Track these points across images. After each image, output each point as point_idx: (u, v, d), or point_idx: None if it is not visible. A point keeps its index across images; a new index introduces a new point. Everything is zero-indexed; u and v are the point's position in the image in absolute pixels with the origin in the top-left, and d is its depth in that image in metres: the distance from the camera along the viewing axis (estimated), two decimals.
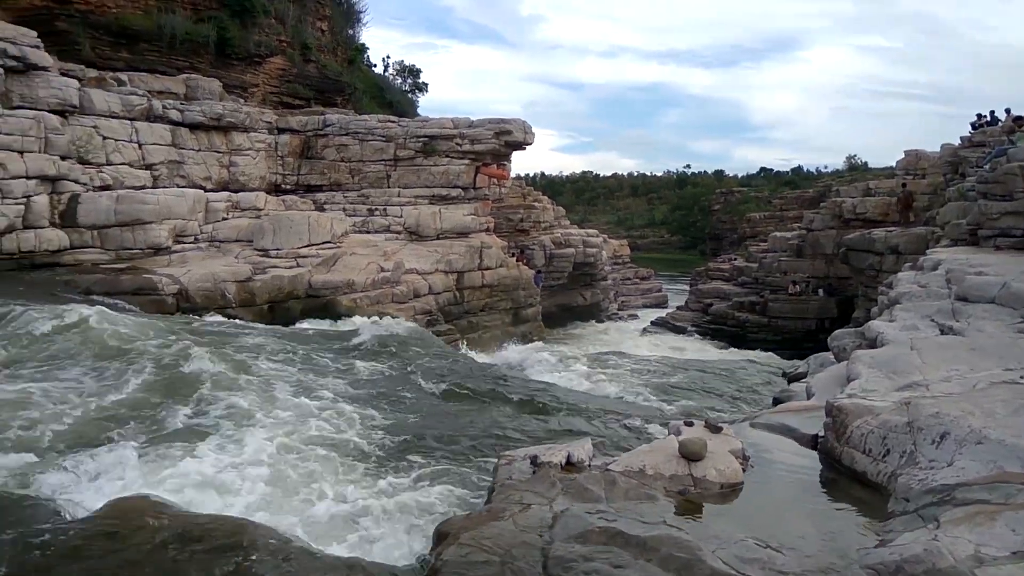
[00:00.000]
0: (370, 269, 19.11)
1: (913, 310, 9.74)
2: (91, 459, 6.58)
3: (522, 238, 30.03)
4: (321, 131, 24.75)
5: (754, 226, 54.96)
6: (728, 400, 13.26)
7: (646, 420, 9.88)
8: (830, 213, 27.90)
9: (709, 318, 29.97)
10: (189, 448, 7.22)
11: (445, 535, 4.15)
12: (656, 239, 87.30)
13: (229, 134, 22.40)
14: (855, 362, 7.41)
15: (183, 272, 16.84)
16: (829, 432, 5.76)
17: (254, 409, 8.54)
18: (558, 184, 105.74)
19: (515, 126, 24.21)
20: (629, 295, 40.91)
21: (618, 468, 5.04)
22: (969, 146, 22.57)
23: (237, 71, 25.88)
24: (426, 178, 24.24)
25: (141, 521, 4.59)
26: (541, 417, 9.86)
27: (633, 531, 3.89)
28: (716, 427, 5.86)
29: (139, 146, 19.58)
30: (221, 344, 11.58)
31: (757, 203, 68.11)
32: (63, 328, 10.84)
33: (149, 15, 23.18)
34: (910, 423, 5.09)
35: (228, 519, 4.89)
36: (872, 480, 5.00)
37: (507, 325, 23.37)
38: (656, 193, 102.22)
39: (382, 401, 9.73)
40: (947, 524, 3.77)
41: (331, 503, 6.27)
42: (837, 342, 10.88)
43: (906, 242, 21.20)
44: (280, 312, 17.29)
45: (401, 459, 7.48)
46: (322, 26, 31.85)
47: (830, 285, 26.95)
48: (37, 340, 10.43)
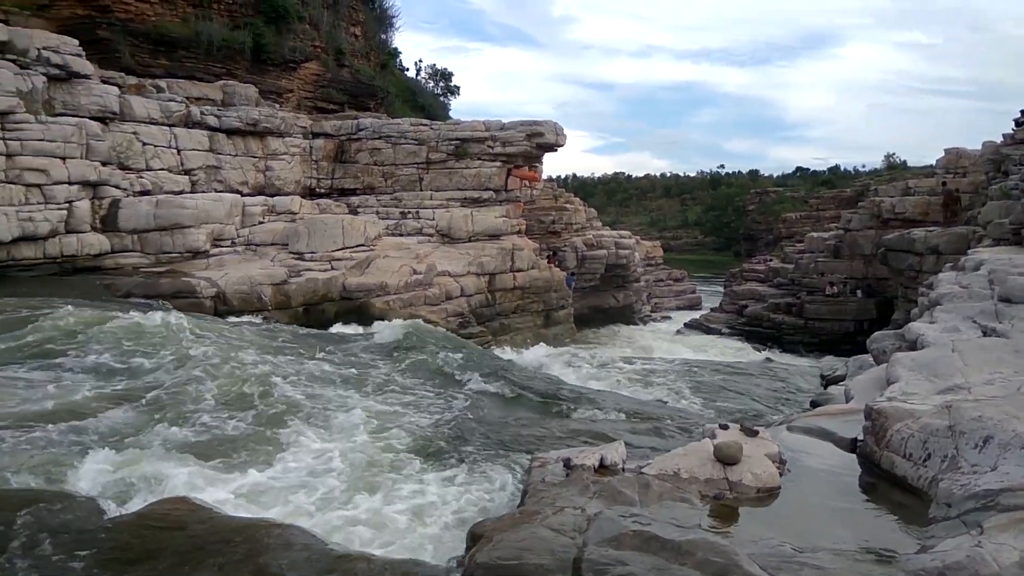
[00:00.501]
0: (403, 272, 19.23)
1: (954, 311, 9.55)
2: (137, 459, 6.70)
3: (554, 240, 29.99)
4: (354, 135, 24.98)
5: (790, 226, 54.22)
6: (764, 403, 13.09)
7: (680, 423, 9.79)
8: (868, 213, 27.47)
9: (744, 320, 29.67)
10: (234, 450, 7.33)
11: (479, 536, 4.15)
12: (689, 240, 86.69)
13: (265, 139, 22.71)
14: (895, 364, 7.28)
15: (220, 275, 17.09)
16: (868, 436, 5.67)
17: (296, 412, 8.64)
18: (590, 185, 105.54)
19: (547, 128, 24.20)
20: (662, 297, 40.66)
21: (652, 471, 5.02)
22: (1012, 143, 22.07)
23: (272, 77, 26.25)
24: (458, 181, 24.34)
25: (179, 523, 4.66)
26: (573, 419, 9.83)
27: (668, 535, 3.86)
28: (752, 430, 5.80)
29: (178, 152, 19.95)
30: (265, 346, 11.74)
31: (793, 203, 67.19)
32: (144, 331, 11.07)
33: (187, 23, 23.61)
34: (952, 427, 4.99)
35: (266, 522, 4.95)
36: (912, 485, 4.91)
37: (539, 327, 23.35)
38: (689, 194, 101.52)
39: (415, 402, 9.78)
40: (991, 530, 3.68)
41: (367, 504, 6.31)
42: (876, 344, 10.70)
43: (947, 242, 20.80)
44: (314, 315, 17.48)
45: (435, 461, 7.51)
46: (355, 31, 32.17)
47: (869, 286, 26.54)
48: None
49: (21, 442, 6.79)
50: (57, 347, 10.30)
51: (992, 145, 23.90)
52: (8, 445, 6.66)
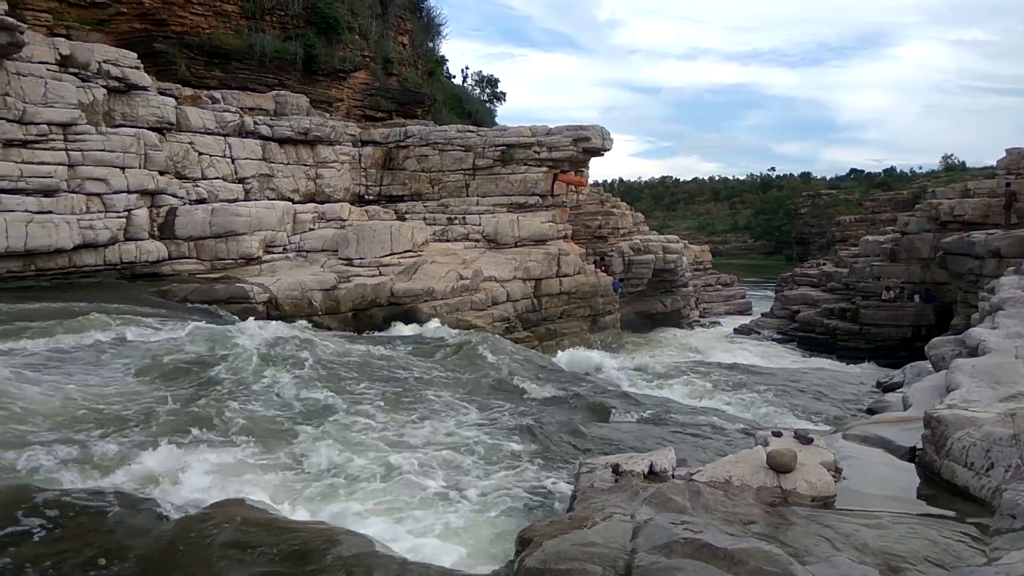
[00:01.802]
0: (450, 277, 19.35)
1: (1017, 316, 9.26)
2: (197, 460, 6.86)
3: (600, 245, 29.85)
4: (402, 142, 25.26)
5: (844, 229, 53.01)
6: (818, 410, 12.81)
7: (732, 429, 9.64)
8: (926, 215, 26.74)
9: (796, 325, 29.12)
10: (289, 452, 7.46)
11: (528, 541, 4.15)
12: (739, 244, 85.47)
13: (315, 147, 23.13)
14: (955, 371, 7.08)
15: (272, 281, 17.43)
16: (927, 444, 5.51)
17: (349, 415, 8.76)
18: (636, 190, 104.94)
19: (593, 132, 24.12)
20: (711, 302, 40.14)
21: (703, 478, 4.95)
22: None
23: (323, 86, 26.73)
24: (504, 186, 24.41)
25: (236, 524, 4.74)
26: (621, 424, 9.76)
27: (720, 543, 3.80)
28: (806, 438, 5.68)
29: (232, 161, 20.44)
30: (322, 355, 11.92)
31: (847, 206, 65.74)
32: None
33: (240, 35, 24.20)
34: (1016, 435, 4.83)
35: (322, 526, 5.01)
36: (974, 495, 4.76)
37: (585, 332, 23.25)
38: (739, 197, 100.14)
39: (465, 406, 9.82)
40: None
41: (416, 509, 6.36)
42: (935, 350, 10.42)
43: (1008, 245, 20.11)
44: (363, 319, 17.70)
45: (487, 465, 7.53)
46: (403, 40, 32.57)
47: (927, 291, 25.83)
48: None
49: (80, 442, 7.00)
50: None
51: None
52: (71, 445, 6.88)
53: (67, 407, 7.87)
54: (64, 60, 16.28)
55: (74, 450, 6.71)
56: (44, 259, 15.38)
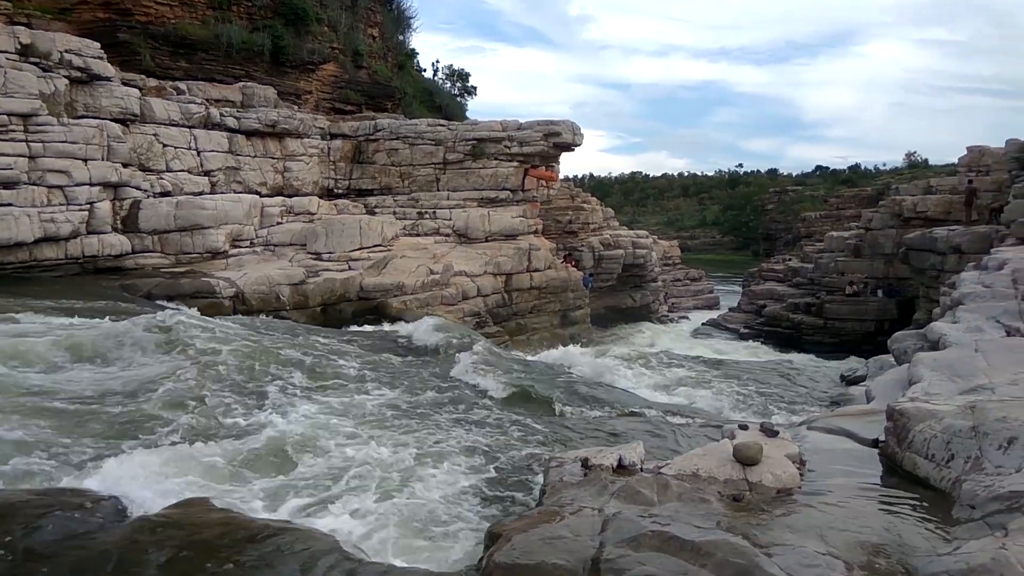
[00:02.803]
0: (420, 272, 19.28)
1: (977, 311, 9.46)
2: (156, 457, 6.75)
3: (571, 240, 29.93)
4: (372, 136, 25.08)
5: (809, 226, 53.80)
6: (784, 403, 12.99)
7: (699, 423, 9.74)
8: (889, 212, 27.21)
9: (762, 320, 29.47)
10: (252, 449, 7.36)
11: (497, 536, 4.15)
12: (707, 240, 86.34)
13: (283, 140, 22.86)
14: (917, 365, 7.22)
15: (239, 275, 17.22)
16: (890, 436, 5.62)
17: (311, 408, 8.68)
18: (607, 185, 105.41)
19: (564, 127, 24.16)
20: (680, 297, 40.48)
21: (671, 472, 4.99)
22: None
23: (291, 78, 26.40)
24: (475, 181, 24.36)
25: (201, 524, 4.67)
26: (590, 418, 9.80)
27: (687, 536, 3.84)
28: (772, 431, 5.76)
29: (197, 153, 20.12)
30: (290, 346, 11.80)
31: (812, 202, 66.71)
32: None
33: (206, 25, 23.79)
34: (975, 427, 4.93)
35: (286, 525, 4.95)
36: (935, 486, 4.86)
37: (555, 327, 23.33)
38: (707, 193, 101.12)
39: (430, 401, 9.79)
40: (1016, 532, 3.63)
41: (382, 505, 6.32)
42: (898, 344, 10.62)
43: (969, 241, 20.54)
44: (332, 314, 17.57)
45: (451, 460, 7.51)
46: (373, 32, 32.29)
47: (889, 286, 26.28)
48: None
49: (39, 441, 6.85)
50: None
51: (1016, 143, 23.57)
52: (27, 445, 6.73)
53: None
54: (24, 49, 15.87)
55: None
56: (3, 253, 15.00)
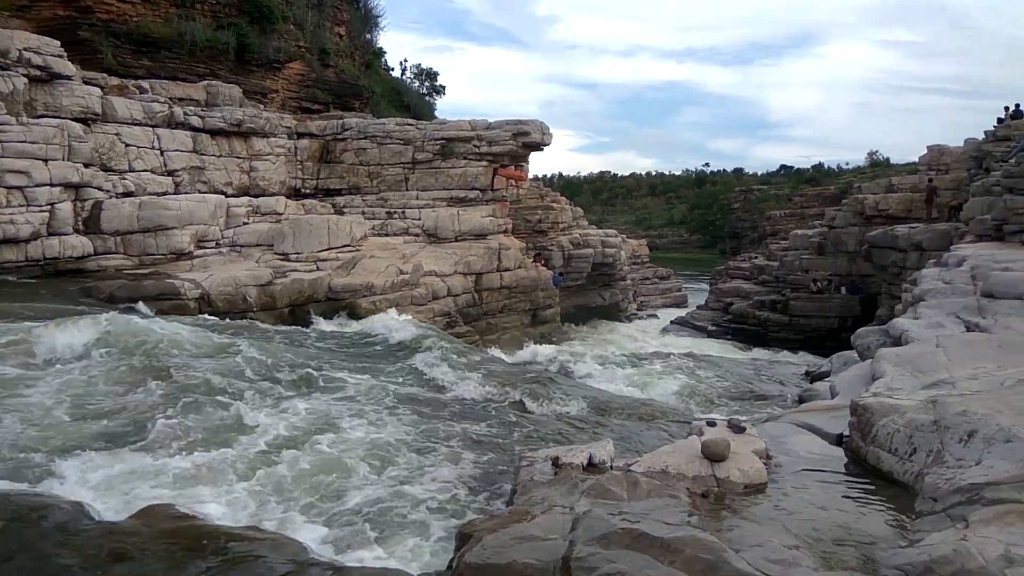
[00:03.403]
0: (389, 272, 19.17)
1: (938, 307, 9.64)
2: (119, 463, 6.64)
3: (540, 239, 29.99)
4: (340, 135, 24.89)
5: (774, 224, 54.49)
6: (751, 400, 13.15)
7: (668, 419, 9.83)
8: (852, 210, 27.65)
9: (729, 317, 29.80)
10: (215, 453, 7.27)
11: (467, 537, 4.15)
12: (675, 238, 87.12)
13: (249, 139, 22.58)
14: (880, 360, 7.34)
15: (205, 277, 16.98)
16: (854, 431, 5.71)
17: (275, 413, 8.59)
18: (576, 184, 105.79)
19: (533, 127, 24.20)
20: (648, 295, 40.80)
21: (640, 469, 5.02)
22: (994, 140, 22.31)
23: (257, 77, 26.09)
24: (444, 180, 24.30)
25: (165, 530, 4.60)
26: (561, 417, 9.84)
27: (656, 532, 3.87)
28: (739, 427, 5.82)
29: (161, 153, 19.79)
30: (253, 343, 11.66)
31: (777, 201, 67.61)
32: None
33: (169, 23, 23.42)
34: (937, 422, 5.04)
35: (248, 531, 4.89)
36: (898, 479, 4.95)
37: (526, 326, 23.36)
38: (675, 192, 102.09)
39: (399, 402, 9.75)
40: (976, 524, 3.71)
41: (351, 508, 6.28)
42: (861, 340, 10.80)
43: (930, 238, 20.95)
44: (300, 315, 17.39)
45: (422, 461, 7.48)
46: (340, 31, 32.04)
47: (853, 283, 26.71)
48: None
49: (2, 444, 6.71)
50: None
51: (974, 142, 24.14)
52: None
53: None
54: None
55: None
56: None
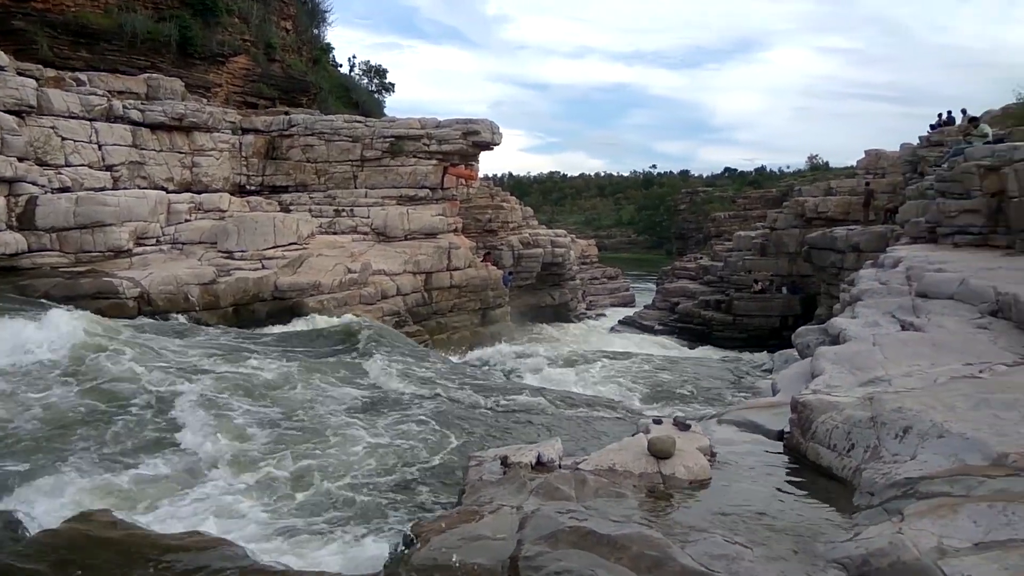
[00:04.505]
0: (337, 270, 18.94)
1: (875, 307, 9.91)
2: (51, 471, 6.42)
3: (490, 238, 29.98)
4: (286, 131, 24.48)
5: (719, 225, 55.56)
6: (695, 397, 13.37)
7: (616, 417, 9.92)
8: (793, 212, 28.31)
9: (676, 316, 30.23)
10: (152, 460, 7.08)
11: (415, 538, 4.12)
12: (623, 239, 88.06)
13: (191, 134, 22.04)
14: (819, 358, 7.51)
15: (144, 275, 16.54)
16: (795, 428, 5.84)
17: (220, 415, 8.42)
18: (525, 184, 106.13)
19: (483, 126, 24.17)
20: (597, 295, 41.12)
21: (588, 467, 5.05)
22: (927, 146, 23.10)
23: (200, 71, 25.48)
24: (393, 178, 24.10)
25: (101, 539, 4.45)
26: (510, 416, 9.85)
27: (603, 530, 3.90)
28: (684, 425, 5.91)
29: (99, 147, 19.17)
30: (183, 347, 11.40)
31: (722, 203, 68.90)
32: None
33: (109, 14, 22.72)
34: (873, 418, 5.18)
35: (188, 537, 4.77)
36: (837, 474, 5.07)
37: (476, 325, 23.33)
38: (623, 193, 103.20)
39: (347, 403, 9.64)
40: (911, 517, 3.83)
41: (296, 510, 6.19)
42: (801, 339, 11.03)
43: (867, 240, 21.58)
44: (245, 315, 17.07)
45: (368, 462, 7.41)
46: (286, 25, 31.50)
47: (793, 283, 27.34)
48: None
49: None
50: None
51: (909, 147, 24.95)
52: None
53: None
54: None
55: None
56: None
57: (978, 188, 12.90)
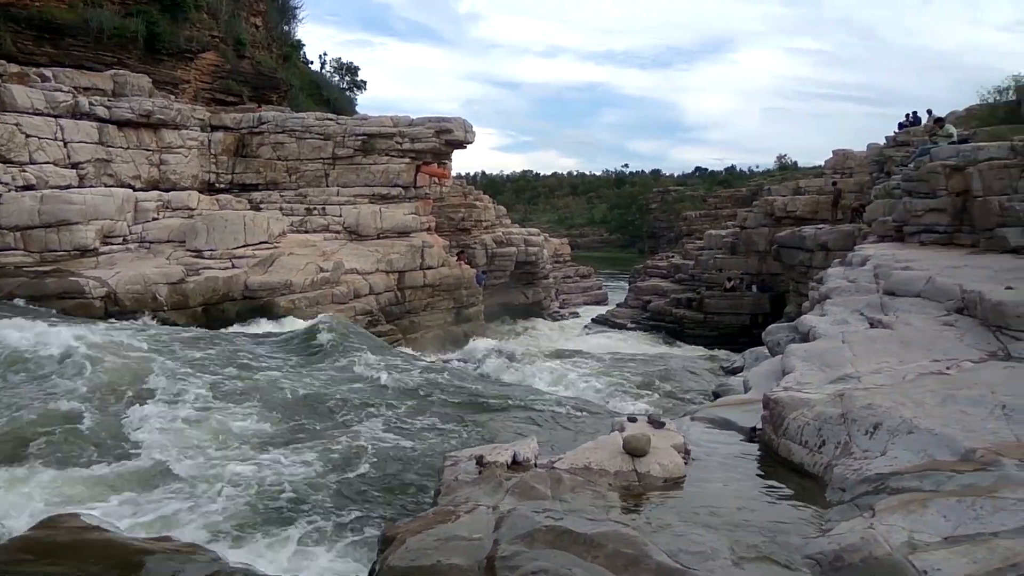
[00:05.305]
0: (309, 269, 18.78)
1: (843, 304, 10.02)
2: (13, 474, 6.29)
3: (463, 237, 29.93)
4: (256, 128, 24.20)
5: (690, 224, 55.96)
6: (669, 395, 13.46)
7: (591, 415, 9.95)
8: (762, 211, 28.60)
9: (648, 315, 30.39)
10: (120, 464, 6.97)
11: (391, 539, 4.09)
12: (596, 238, 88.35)
13: (159, 131, 21.71)
14: (789, 356, 7.59)
15: (111, 274, 16.27)
16: (767, 425, 5.90)
17: (188, 419, 8.30)
18: (499, 183, 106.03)
19: (456, 125, 24.10)
20: (570, 293, 41.21)
21: (564, 466, 5.06)
22: (894, 146, 23.47)
23: (167, 67, 25.11)
24: (366, 177, 23.94)
25: (71, 544, 4.36)
26: (485, 416, 9.84)
27: (580, 529, 3.90)
28: (659, 423, 5.94)
29: (64, 144, 18.81)
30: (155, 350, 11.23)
31: (693, 202, 69.43)
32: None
33: (74, 9, 22.32)
34: (844, 414, 5.25)
35: (160, 543, 4.69)
36: (809, 471, 5.13)
37: (449, 324, 23.27)
38: (595, 192, 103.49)
39: (320, 404, 9.57)
40: (882, 512, 3.88)
41: (270, 515, 6.13)
42: (771, 336, 11.14)
43: (835, 239, 21.86)
44: (215, 314, 16.87)
45: (343, 464, 7.36)
46: (256, 22, 31.17)
47: (763, 281, 27.61)
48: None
49: None
50: None
51: (876, 147, 25.34)
52: None
53: None
54: None
55: None
56: None
57: (943, 188, 13.11)
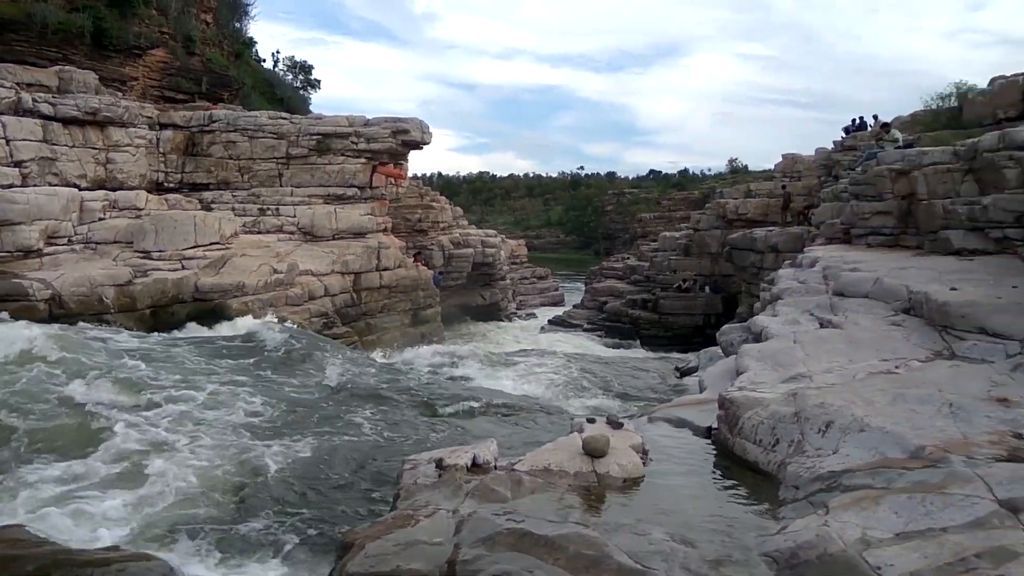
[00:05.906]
0: (262, 271, 18.46)
1: (794, 305, 10.23)
2: None
3: (420, 238, 29.78)
4: (207, 127, 23.70)
5: (645, 226, 56.58)
6: (626, 395, 13.56)
7: (549, 417, 9.97)
8: (715, 214, 29.07)
9: (604, 316, 30.63)
10: (70, 475, 6.76)
11: (350, 545, 4.04)
12: (552, 239, 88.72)
13: (106, 129, 21.10)
14: (743, 356, 7.72)
15: (56, 276, 15.78)
16: (722, 424, 5.99)
17: (140, 429, 8.10)
18: (455, 184, 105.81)
19: (412, 125, 23.95)
20: (527, 294, 41.32)
21: (523, 467, 5.06)
22: (841, 150, 24.09)
23: (115, 63, 24.42)
24: (320, 177, 23.63)
25: (18, 556, 4.22)
26: (443, 418, 9.79)
27: (540, 531, 3.91)
28: (617, 423, 5.98)
29: (7, 142, 18.11)
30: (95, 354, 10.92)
31: (647, 204, 70.19)
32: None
33: (17, 3, 21.55)
34: (797, 413, 5.35)
35: (109, 553, 4.57)
36: (764, 469, 5.22)
37: (406, 326, 23.10)
38: (551, 194, 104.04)
39: (277, 405, 9.41)
40: (835, 509, 3.97)
41: (226, 521, 6.00)
42: (725, 337, 11.33)
43: (785, 241, 22.32)
44: (164, 317, 16.45)
45: (299, 469, 7.25)
46: (207, 18, 30.53)
47: (715, 282, 28.05)
48: None
49: None
50: None
51: (824, 151, 25.96)
52: None
53: None
54: None
55: None
56: None
57: (889, 191, 13.48)
